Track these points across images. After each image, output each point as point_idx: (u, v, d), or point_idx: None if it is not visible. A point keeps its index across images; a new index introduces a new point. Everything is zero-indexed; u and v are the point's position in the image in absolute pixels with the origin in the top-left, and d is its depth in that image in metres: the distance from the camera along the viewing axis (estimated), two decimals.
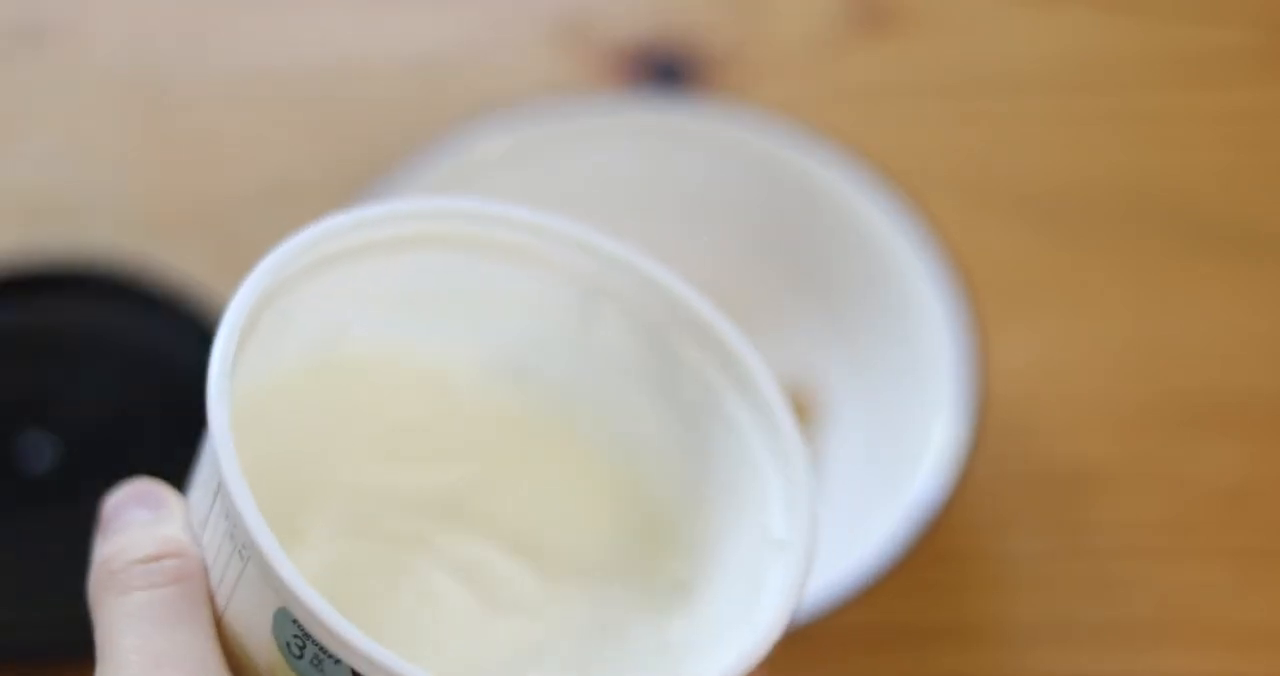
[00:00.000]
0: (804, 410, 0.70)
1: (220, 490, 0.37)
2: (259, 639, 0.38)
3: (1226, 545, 0.69)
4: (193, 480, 0.40)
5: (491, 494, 0.43)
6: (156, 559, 0.38)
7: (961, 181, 0.77)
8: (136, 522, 0.40)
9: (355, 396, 0.43)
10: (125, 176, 0.75)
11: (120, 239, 0.72)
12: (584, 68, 0.79)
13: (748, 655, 0.38)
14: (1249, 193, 0.77)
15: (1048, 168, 0.78)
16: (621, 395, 0.43)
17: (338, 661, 0.36)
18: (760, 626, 0.38)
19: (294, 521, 0.41)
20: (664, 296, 0.42)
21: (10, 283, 0.69)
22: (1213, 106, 0.79)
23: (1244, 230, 0.76)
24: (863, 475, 0.68)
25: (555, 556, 0.42)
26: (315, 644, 0.36)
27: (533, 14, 0.80)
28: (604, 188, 0.72)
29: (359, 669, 0.36)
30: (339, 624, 0.35)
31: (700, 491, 0.42)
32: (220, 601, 0.38)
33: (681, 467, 0.43)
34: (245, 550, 0.37)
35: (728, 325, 0.42)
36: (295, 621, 0.36)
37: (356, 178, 0.72)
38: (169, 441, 0.64)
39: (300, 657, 0.37)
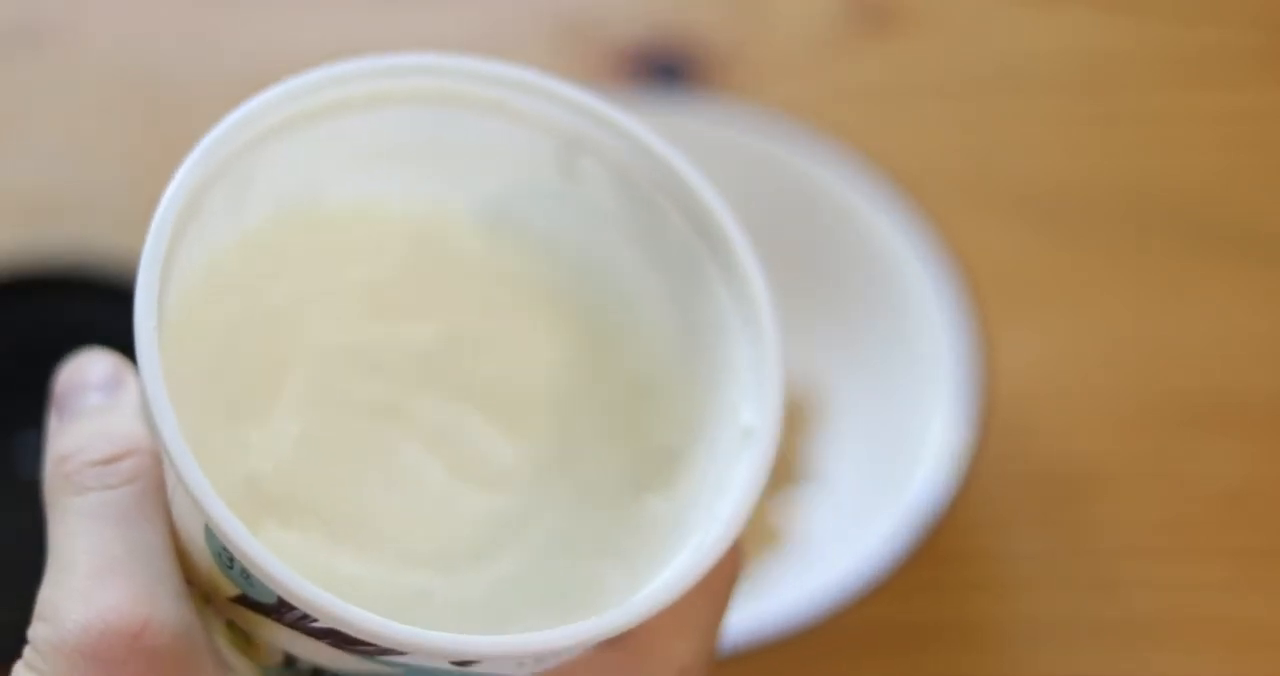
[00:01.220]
0: (805, 410, 0.70)
1: (145, 400, 0.36)
2: (197, 539, 0.37)
3: (1226, 545, 0.69)
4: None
5: (470, 351, 0.41)
6: (111, 460, 0.38)
7: (961, 181, 0.77)
8: (92, 410, 0.39)
9: (329, 253, 0.41)
10: (125, 176, 0.75)
11: (120, 239, 0.72)
12: (584, 67, 0.79)
13: (702, 557, 0.37)
14: (1249, 193, 0.77)
15: (1048, 167, 0.78)
16: (609, 251, 0.42)
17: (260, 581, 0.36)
18: (717, 525, 0.37)
19: (263, 389, 0.40)
20: (645, 152, 0.40)
21: (10, 282, 0.69)
22: (1213, 107, 0.79)
23: (1244, 230, 0.76)
24: (863, 475, 0.68)
25: (534, 423, 0.41)
26: (241, 563, 0.36)
27: (533, 14, 0.80)
28: None
29: (281, 595, 0.35)
30: (253, 549, 0.35)
31: (685, 358, 0.41)
32: (170, 490, 0.38)
33: (667, 331, 0.41)
34: (170, 465, 0.36)
35: (710, 190, 0.40)
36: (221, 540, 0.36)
37: None
38: None
39: (231, 568, 0.36)
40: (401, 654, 0.36)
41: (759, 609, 0.62)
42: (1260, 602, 0.68)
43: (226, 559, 0.36)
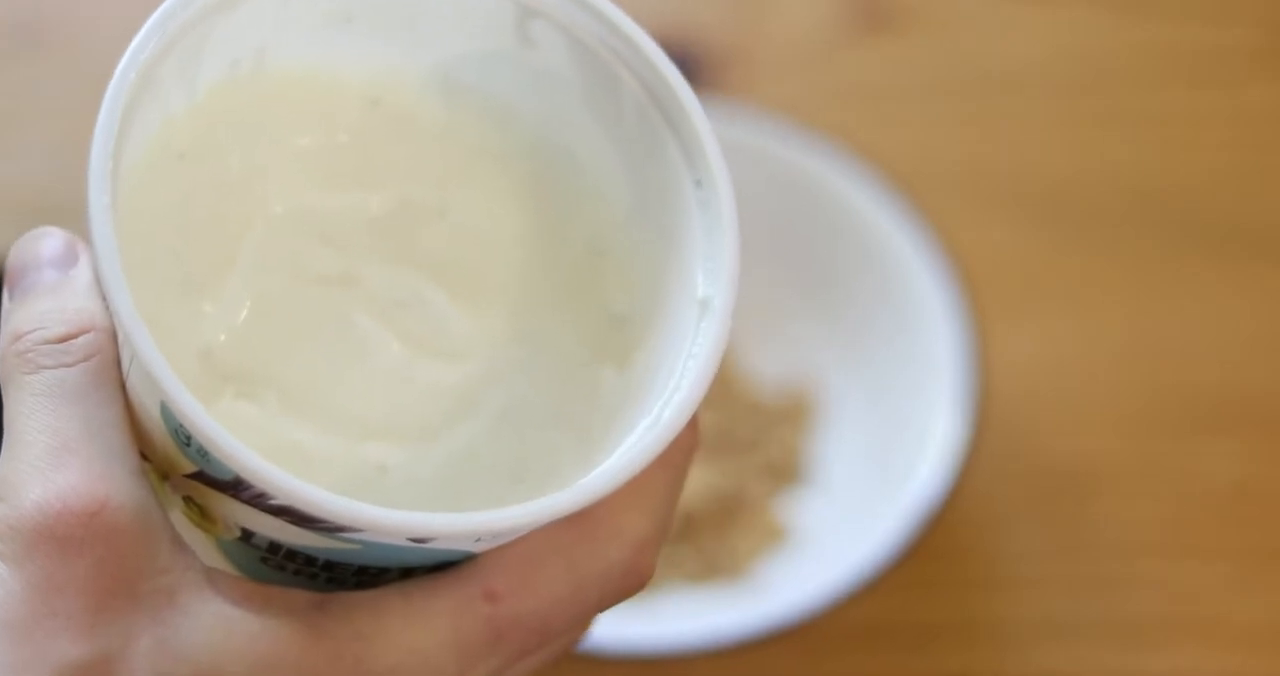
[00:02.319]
0: (804, 409, 0.70)
1: (100, 279, 0.36)
2: (153, 417, 0.37)
3: (1226, 544, 0.69)
4: None
5: (423, 219, 0.41)
6: (66, 338, 0.37)
7: (961, 180, 0.77)
8: (46, 287, 0.38)
9: (279, 119, 0.41)
10: None
11: None
12: None
13: (658, 435, 0.37)
14: (1248, 192, 0.77)
15: (1047, 167, 0.78)
16: (563, 116, 0.41)
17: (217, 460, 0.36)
18: (673, 402, 0.37)
19: (216, 258, 0.39)
20: (602, 19, 0.40)
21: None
22: (1213, 106, 0.79)
23: (1244, 230, 0.76)
24: (863, 473, 0.68)
25: (488, 291, 0.41)
26: (199, 441, 0.35)
27: None
28: None
29: (239, 474, 0.35)
30: (211, 428, 0.35)
31: (639, 225, 0.41)
32: (125, 368, 0.37)
33: (620, 198, 0.41)
34: (127, 343, 0.36)
35: (664, 58, 0.40)
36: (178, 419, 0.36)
37: None
38: None
39: (188, 446, 0.36)
40: (359, 531, 0.36)
41: (759, 606, 0.62)
42: (1260, 602, 0.68)
43: (184, 436, 0.36)
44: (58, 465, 0.36)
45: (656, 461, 0.37)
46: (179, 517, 0.38)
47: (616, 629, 0.62)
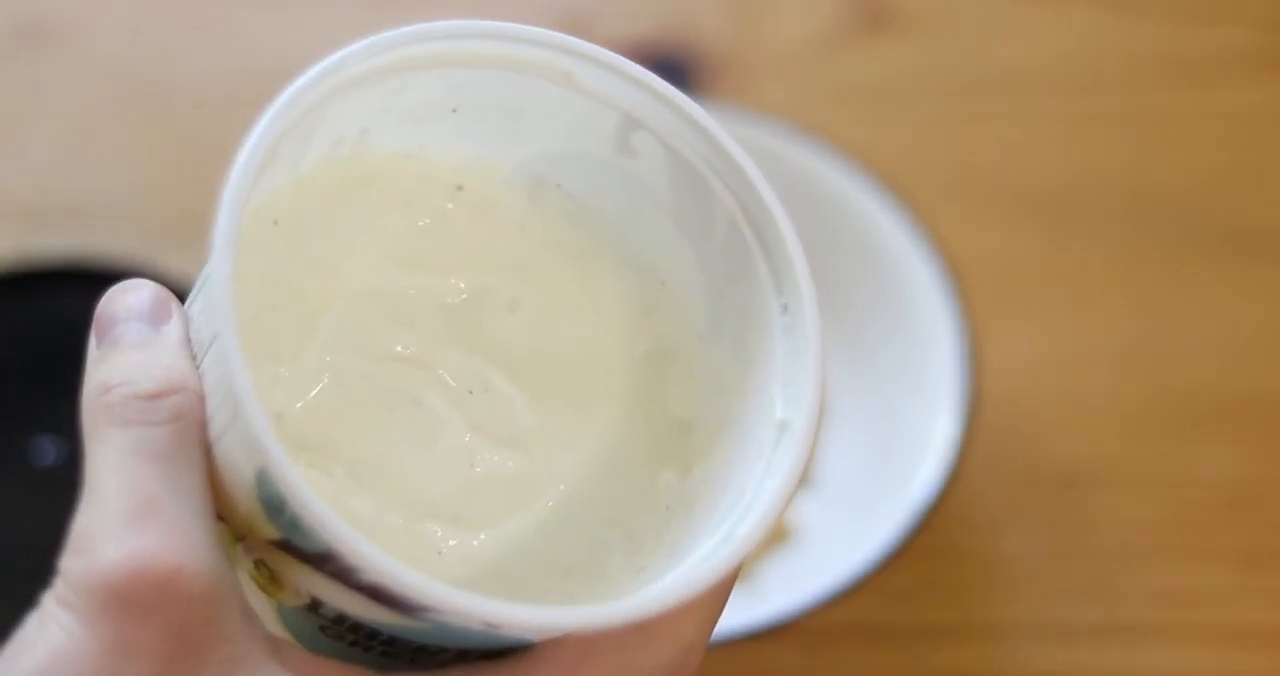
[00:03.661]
0: None
1: (215, 342, 0.36)
2: (244, 485, 0.37)
3: (1223, 545, 0.69)
4: (195, 293, 0.39)
5: (497, 310, 0.42)
6: (157, 396, 0.37)
7: (961, 181, 0.77)
8: (136, 341, 0.38)
9: (367, 199, 0.42)
10: (126, 177, 0.75)
11: (121, 239, 0.72)
12: None
13: (733, 551, 0.37)
14: (1248, 192, 0.77)
15: (1046, 167, 0.78)
16: (649, 225, 0.42)
17: (312, 532, 0.36)
18: (750, 521, 0.37)
19: (297, 328, 0.40)
20: (705, 137, 0.40)
21: (16, 279, 0.69)
22: (1212, 106, 0.79)
23: (1243, 230, 0.76)
24: (862, 473, 0.68)
25: (555, 385, 0.41)
26: (293, 511, 0.36)
27: (533, 13, 0.81)
28: None
29: (330, 547, 0.35)
30: (312, 502, 0.35)
31: (713, 340, 0.41)
32: (213, 433, 0.37)
33: (697, 311, 0.41)
34: (235, 408, 0.36)
35: (764, 181, 0.40)
36: (276, 488, 0.36)
37: None
38: None
39: (280, 516, 0.36)
40: (439, 613, 0.36)
41: (758, 606, 0.62)
42: (1258, 603, 0.68)
43: (276, 505, 0.36)
44: (138, 526, 0.36)
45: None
46: (245, 579, 0.39)
47: None
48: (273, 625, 0.39)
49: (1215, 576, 0.68)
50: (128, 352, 0.38)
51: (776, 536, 0.68)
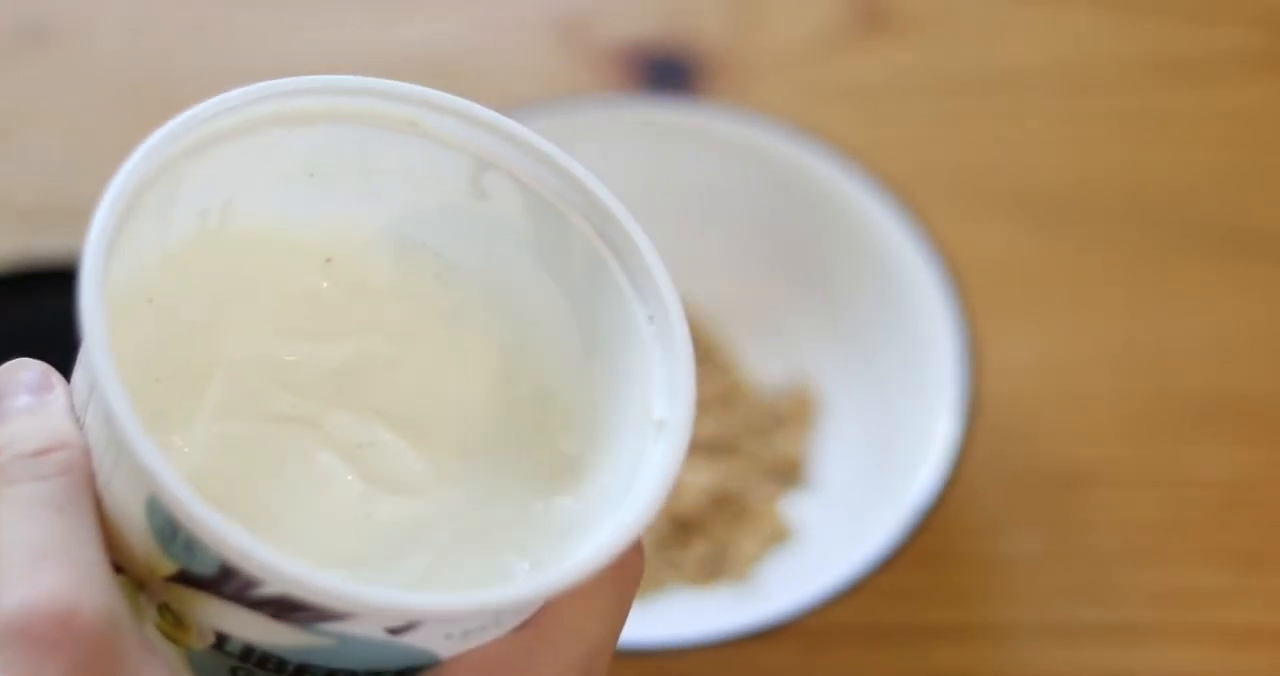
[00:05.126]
0: (806, 410, 0.70)
1: (94, 382, 0.37)
2: (136, 524, 0.38)
3: (1222, 546, 0.69)
4: (78, 361, 0.40)
5: (379, 371, 0.43)
6: (43, 453, 0.39)
7: (961, 181, 0.77)
8: (21, 409, 0.40)
9: (242, 272, 0.43)
10: None
11: None
12: (585, 67, 0.79)
13: (621, 535, 0.38)
14: (1248, 192, 0.77)
15: (1046, 167, 0.78)
16: (512, 267, 0.43)
17: (208, 548, 0.37)
18: (635, 507, 0.38)
19: (182, 398, 0.41)
20: (553, 168, 0.42)
21: (16, 279, 0.69)
22: (1212, 106, 0.79)
23: (1243, 230, 0.76)
24: (862, 473, 0.68)
25: (442, 435, 0.42)
26: (186, 530, 0.37)
27: (535, 14, 0.81)
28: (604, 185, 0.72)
29: (226, 557, 0.36)
30: (203, 514, 0.36)
31: (588, 366, 0.42)
32: (100, 483, 0.39)
33: (570, 342, 0.43)
34: (117, 441, 0.37)
35: (615, 200, 0.41)
36: (166, 510, 0.37)
37: None
38: None
39: (173, 542, 0.37)
40: (341, 619, 0.37)
41: (758, 606, 0.62)
42: (1258, 603, 0.68)
43: (169, 533, 0.37)
44: (35, 571, 0.37)
45: (607, 576, 0.39)
46: (152, 632, 0.40)
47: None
48: None
49: (1215, 576, 0.69)
50: (14, 420, 0.40)
51: (776, 536, 0.68)
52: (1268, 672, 0.67)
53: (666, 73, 0.79)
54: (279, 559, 0.36)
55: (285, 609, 0.37)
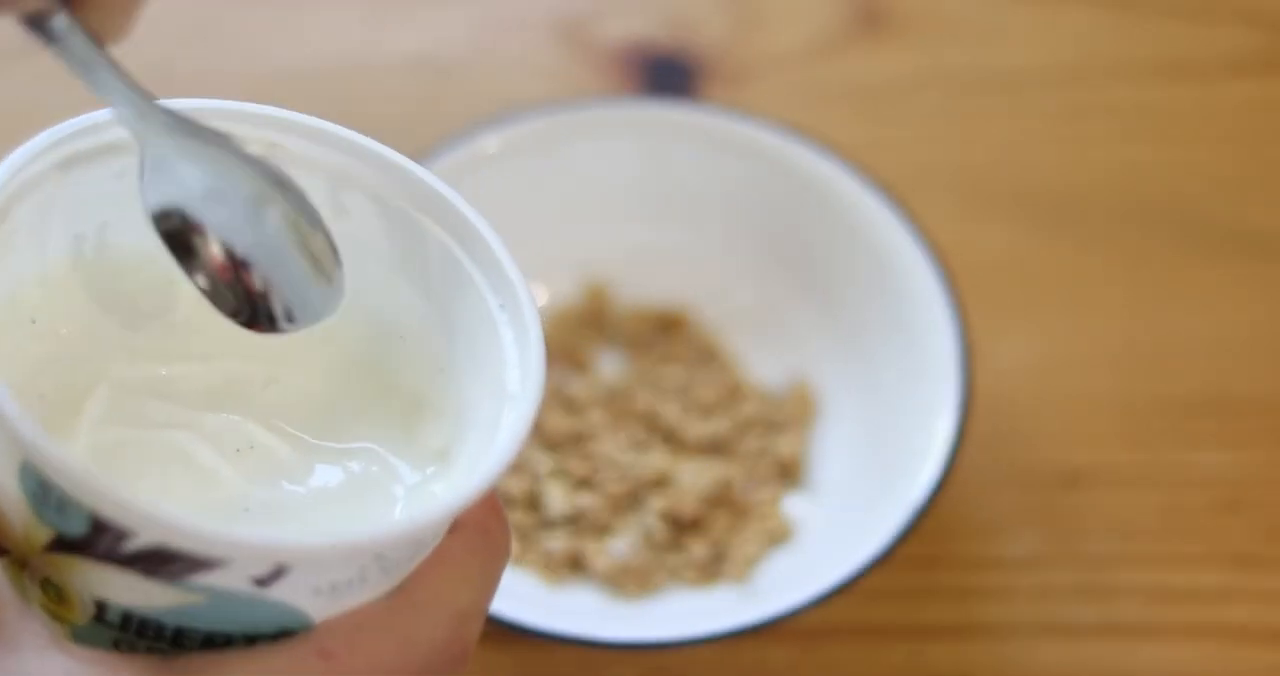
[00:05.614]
0: (806, 410, 0.70)
1: None
2: (11, 495, 0.39)
3: (1221, 545, 0.69)
4: None
5: (254, 388, 0.45)
6: None
7: (960, 181, 0.77)
8: None
9: (119, 300, 0.44)
10: None
11: None
12: (586, 67, 0.79)
13: (470, 487, 0.40)
14: (1248, 192, 0.77)
15: (1046, 167, 0.78)
16: (377, 282, 0.45)
17: (78, 503, 0.38)
18: (485, 465, 0.40)
19: (66, 413, 0.42)
20: (404, 178, 0.44)
21: None
22: (1212, 106, 0.79)
23: (1243, 230, 0.76)
24: (861, 473, 0.68)
25: (321, 437, 0.44)
26: (56, 488, 0.38)
27: (535, 14, 0.81)
28: (604, 186, 0.72)
29: (94, 507, 0.37)
30: (68, 462, 0.37)
31: (453, 361, 0.44)
32: None
33: (436, 346, 0.44)
34: None
35: (462, 201, 0.43)
36: (36, 470, 0.38)
37: None
38: None
39: (46, 505, 0.39)
40: (208, 567, 0.38)
41: (757, 605, 0.62)
42: (1256, 603, 0.68)
43: (41, 495, 0.38)
44: None
45: (472, 546, 0.42)
46: (38, 610, 0.41)
47: (620, 628, 0.62)
48: None
49: (1213, 576, 0.69)
50: None
51: (776, 537, 0.68)
52: (1265, 672, 0.67)
53: (666, 73, 0.79)
54: (141, 499, 0.37)
55: (155, 562, 0.38)
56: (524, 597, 0.65)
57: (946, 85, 0.80)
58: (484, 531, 0.43)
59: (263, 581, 0.39)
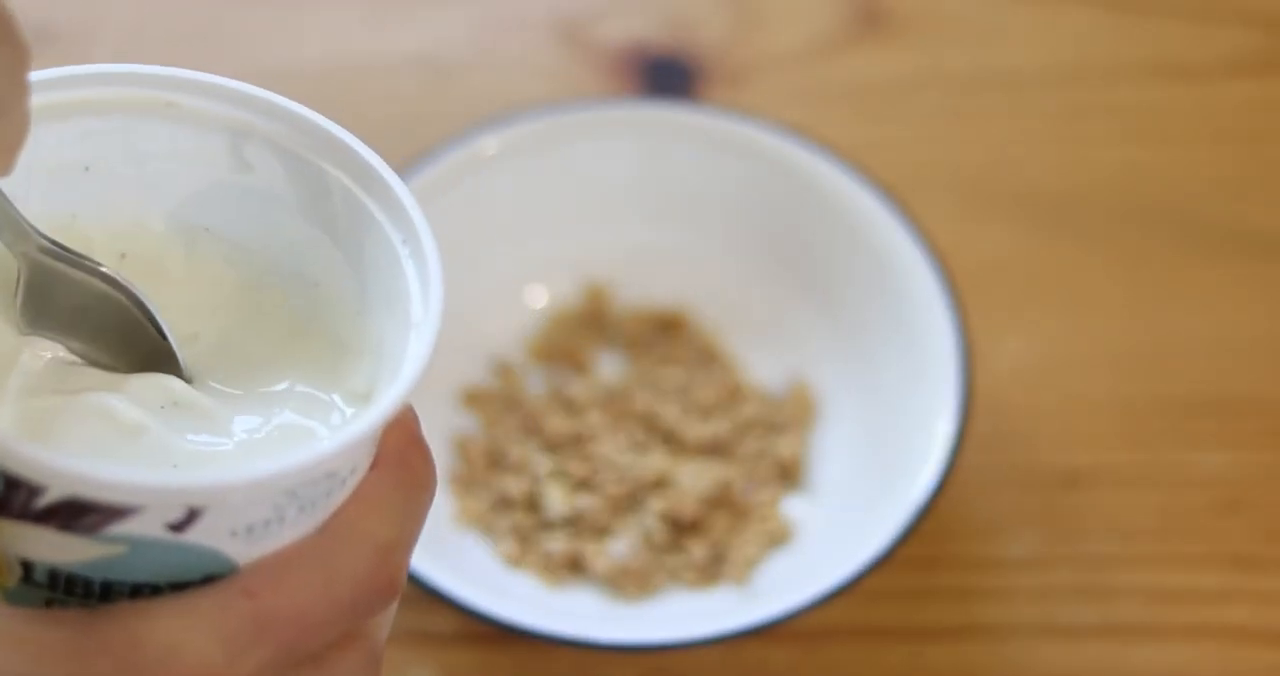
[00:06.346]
0: (806, 410, 0.70)
1: None
2: None
3: (1220, 546, 0.69)
4: None
5: (179, 344, 0.45)
6: None
7: (960, 181, 0.77)
8: None
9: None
10: None
11: None
12: (586, 67, 0.79)
13: (378, 412, 0.40)
14: (1248, 193, 0.77)
15: (1046, 167, 0.78)
16: (287, 233, 0.45)
17: None
18: (390, 393, 0.41)
19: None
20: (301, 126, 0.44)
21: None
22: (1212, 106, 0.79)
23: (1243, 230, 0.76)
24: (860, 474, 0.68)
25: (244, 389, 0.45)
26: None
27: (533, 14, 0.81)
28: (604, 186, 0.72)
29: (3, 465, 0.38)
30: None
31: (366, 304, 0.45)
32: None
33: (348, 289, 0.45)
34: None
35: (365, 148, 0.44)
36: None
37: None
38: None
39: None
40: (121, 516, 0.39)
41: (756, 605, 0.62)
42: (1254, 603, 0.68)
43: None
44: None
45: (391, 479, 0.42)
46: None
47: (619, 629, 0.62)
48: None
49: (1212, 577, 0.69)
50: None
51: (776, 537, 0.68)
52: (1265, 672, 0.67)
53: (666, 73, 0.79)
54: (44, 453, 0.38)
55: (69, 515, 0.39)
56: (523, 598, 0.65)
57: (946, 85, 0.80)
58: (403, 464, 0.43)
59: (178, 526, 0.39)
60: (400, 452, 0.43)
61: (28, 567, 0.41)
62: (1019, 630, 0.67)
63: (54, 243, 0.43)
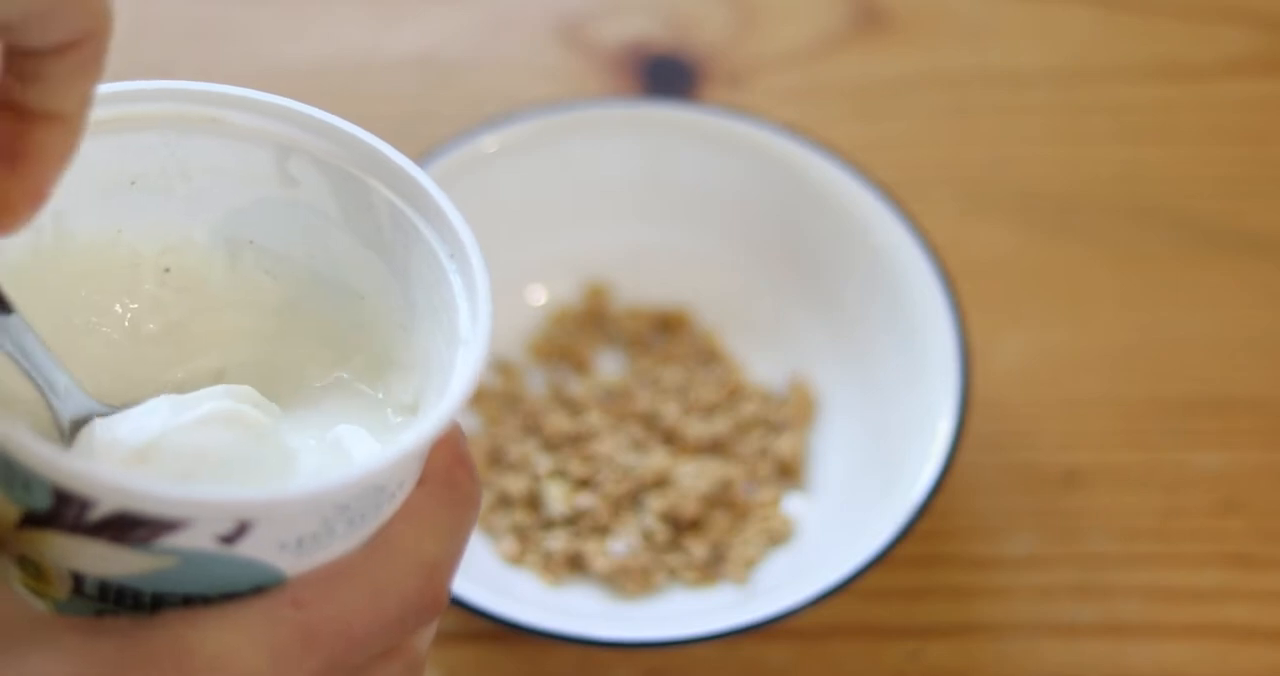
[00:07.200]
0: (806, 410, 0.70)
1: None
2: None
3: (1219, 545, 0.69)
4: None
5: (223, 361, 0.46)
6: None
7: (960, 181, 0.77)
8: None
9: (86, 285, 0.45)
10: None
11: None
12: (586, 67, 0.79)
13: (427, 426, 0.40)
14: (1248, 193, 0.77)
15: (1046, 167, 0.78)
16: (332, 246, 0.46)
17: (39, 477, 0.38)
18: (438, 409, 0.41)
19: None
20: (349, 143, 0.44)
21: None
22: (1212, 106, 0.79)
23: (1243, 230, 0.76)
24: (860, 473, 0.68)
25: (294, 407, 0.45)
26: (18, 465, 0.38)
27: (536, 14, 0.81)
28: (604, 185, 0.72)
29: (54, 480, 0.38)
30: (25, 438, 0.37)
31: (413, 317, 0.45)
32: None
33: (394, 302, 0.45)
34: None
35: (409, 162, 0.44)
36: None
37: None
38: None
39: (13, 483, 0.39)
40: (172, 529, 0.39)
41: (756, 605, 0.62)
42: (1253, 603, 0.68)
43: (8, 473, 0.39)
44: None
45: (439, 497, 0.43)
46: (19, 588, 0.42)
47: (619, 627, 0.62)
48: None
49: (1211, 576, 0.69)
50: None
51: (776, 537, 0.68)
52: (1265, 672, 0.67)
53: (666, 73, 0.79)
54: (95, 467, 0.38)
55: (121, 528, 0.39)
56: (524, 597, 0.65)
57: (946, 85, 0.80)
58: (450, 482, 0.43)
59: (228, 539, 0.39)
60: (447, 470, 0.44)
61: (78, 580, 0.41)
62: (1018, 629, 0.67)
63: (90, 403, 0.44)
